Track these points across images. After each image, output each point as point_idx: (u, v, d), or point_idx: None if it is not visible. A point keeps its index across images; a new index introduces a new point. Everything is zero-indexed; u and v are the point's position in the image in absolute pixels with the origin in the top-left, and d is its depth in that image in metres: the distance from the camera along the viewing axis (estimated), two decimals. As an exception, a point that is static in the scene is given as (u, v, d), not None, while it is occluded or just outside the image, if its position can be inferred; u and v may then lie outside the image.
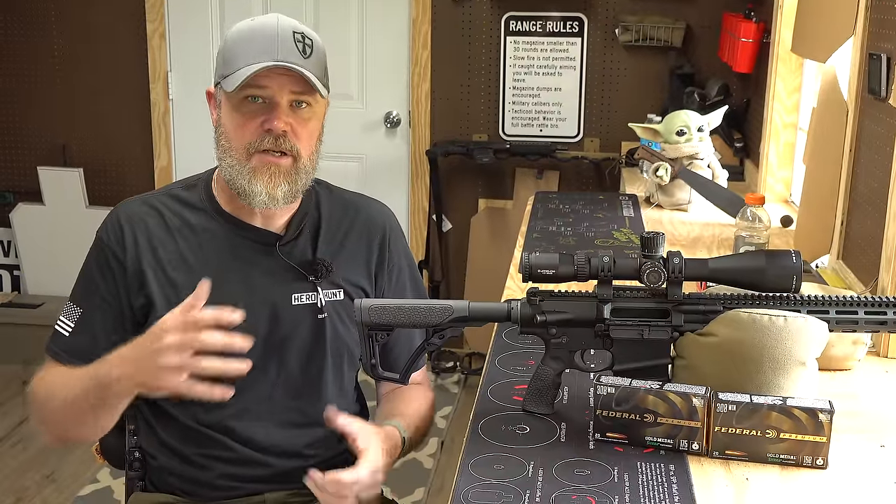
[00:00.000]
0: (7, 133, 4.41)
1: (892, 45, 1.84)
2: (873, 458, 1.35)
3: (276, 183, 1.59)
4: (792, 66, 2.96)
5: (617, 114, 4.02)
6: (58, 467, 3.31)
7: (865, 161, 2.01)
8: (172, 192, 1.73)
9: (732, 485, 1.27)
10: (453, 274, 4.31)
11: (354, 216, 1.77)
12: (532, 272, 1.41)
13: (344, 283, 1.71)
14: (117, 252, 1.64)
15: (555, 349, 1.45)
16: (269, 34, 1.57)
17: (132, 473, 1.75)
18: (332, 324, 1.69)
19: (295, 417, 1.69)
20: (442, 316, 1.44)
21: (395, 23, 4.12)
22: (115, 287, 1.64)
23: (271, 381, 1.67)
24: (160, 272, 1.64)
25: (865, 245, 1.96)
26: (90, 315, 1.65)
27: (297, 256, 1.68)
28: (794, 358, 1.36)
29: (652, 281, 1.38)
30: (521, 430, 1.42)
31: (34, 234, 4.40)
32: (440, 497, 3.15)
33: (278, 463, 1.69)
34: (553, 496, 1.22)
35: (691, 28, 3.90)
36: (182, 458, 1.69)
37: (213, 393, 1.43)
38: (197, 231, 1.67)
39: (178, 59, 4.25)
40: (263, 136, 1.58)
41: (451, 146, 4.04)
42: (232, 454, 1.67)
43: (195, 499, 1.70)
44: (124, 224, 1.66)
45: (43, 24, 4.27)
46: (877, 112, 1.94)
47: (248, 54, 1.56)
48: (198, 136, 4.25)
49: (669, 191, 2.87)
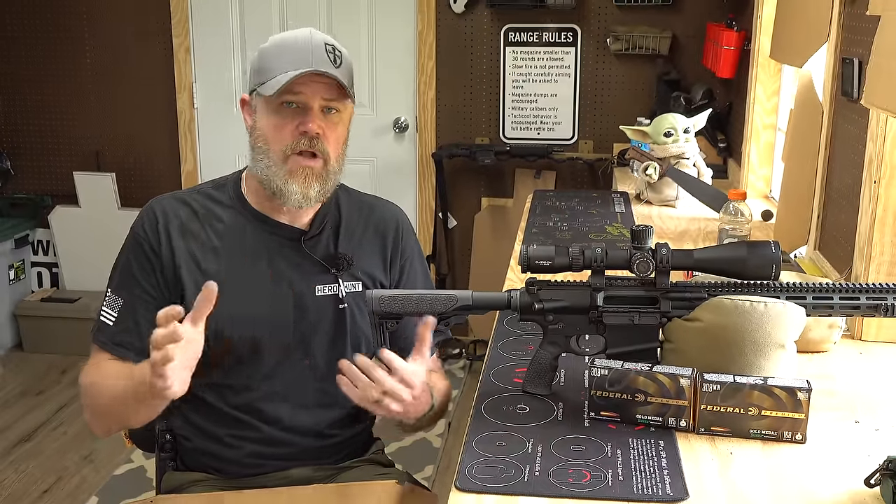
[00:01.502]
0: (45, 141, 4.41)
1: (863, 50, 1.83)
2: (848, 434, 1.34)
3: (310, 184, 1.61)
4: (771, 71, 2.95)
5: (609, 117, 4.01)
6: (95, 449, 3.32)
7: (840, 158, 2.00)
8: (203, 190, 1.73)
9: (717, 459, 1.26)
10: (458, 267, 4.31)
11: (370, 215, 1.78)
12: (530, 263, 1.41)
13: (362, 276, 1.72)
14: (153, 243, 1.64)
15: (552, 335, 1.45)
16: (303, 45, 1.59)
17: (164, 454, 1.76)
18: (351, 313, 1.69)
19: (319, 399, 1.70)
20: (447, 305, 1.44)
21: (402, 35, 4.11)
22: (154, 278, 1.64)
23: (299, 366, 1.68)
24: (192, 262, 1.64)
25: (840, 237, 1.96)
26: (132, 305, 1.63)
27: (320, 251, 1.69)
28: (774, 341, 1.35)
29: (641, 270, 1.38)
30: (522, 409, 1.42)
31: (71, 235, 4.40)
32: (448, 474, 3.15)
33: (302, 442, 1.69)
34: (551, 470, 1.22)
35: (677, 37, 3.88)
36: (214, 438, 1.69)
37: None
38: (227, 225, 1.68)
39: (202, 70, 4.25)
40: (299, 138, 1.59)
41: (455, 149, 4.04)
42: (259, 434, 1.67)
43: (225, 476, 1.70)
44: (159, 216, 1.66)
45: (77, 41, 4.27)
46: (849, 112, 1.93)
47: (284, 63, 1.58)
48: (221, 143, 4.26)
49: (658, 188, 2.87)
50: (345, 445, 1.75)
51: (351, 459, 1.76)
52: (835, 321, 1.62)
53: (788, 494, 1.17)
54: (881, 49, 1.54)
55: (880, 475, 1.13)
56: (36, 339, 4.27)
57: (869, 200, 1.70)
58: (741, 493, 1.18)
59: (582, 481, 1.18)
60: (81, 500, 3.00)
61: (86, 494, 3.04)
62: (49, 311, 4.26)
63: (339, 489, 1.65)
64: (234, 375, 1.66)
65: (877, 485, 1.14)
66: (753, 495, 1.17)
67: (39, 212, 4.44)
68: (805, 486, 1.19)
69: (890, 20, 1.53)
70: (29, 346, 4.28)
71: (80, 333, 4.04)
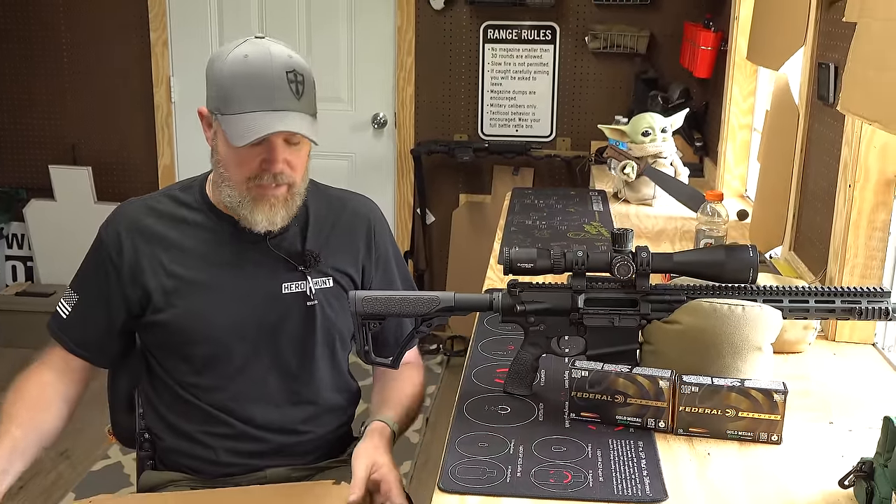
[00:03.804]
0: (21, 134, 4.37)
1: (838, 55, 1.85)
2: (823, 434, 1.37)
3: (276, 211, 1.60)
4: (747, 72, 2.98)
5: (587, 115, 4.03)
6: (72, 445, 3.30)
7: (815, 161, 2.03)
8: (170, 193, 1.73)
9: (696, 459, 1.29)
10: (436, 263, 4.32)
11: (341, 210, 1.76)
12: (512, 266, 1.42)
13: (332, 272, 1.71)
14: (112, 255, 1.65)
15: (533, 336, 1.46)
16: (264, 77, 1.52)
17: (142, 453, 1.76)
18: (321, 310, 1.69)
19: (289, 397, 1.70)
20: (430, 306, 1.45)
21: (381, 31, 4.11)
22: (107, 285, 1.66)
23: (265, 365, 1.68)
24: (157, 265, 1.65)
25: (815, 238, 1.98)
26: (84, 304, 1.68)
27: (286, 248, 1.68)
28: (751, 343, 1.37)
29: (622, 273, 1.39)
30: (503, 410, 1.43)
31: (46, 228, 4.36)
32: (426, 469, 3.17)
33: (276, 439, 1.70)
34: (533, 471, 1.23)
35: (655, 36, 3.91)
36: (186, 436, 1.70)
37: None
38: (192, 226, 1.67)
39: (180, 64, 4.22)
40: (262, 172, 1.56)
41: (433, 145, 4.04)
42: (232, 430, 1.68)
43: (202, 476, 1.71)
44: (122, 222, 1.67)
45: (54, 33, 4.23)
46: (825, 116, 1.96)
47: (246, 99, 1.52)
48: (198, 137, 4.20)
49: (635, 187, 2.89)
50: (321, 443, 1.76)
51: (328, 459, 1.77)
52: (810, 323, 1.65)
53: (765, 495, 1.20)
54: (857, 56, 1.57)
55: (854, 476, 1.15)
56: (10, 334, 4.22)
57: (844, 203, 1.73)
58: (719, 494, 1.20)
59: (563, 482, 1.20)
60: (57, 497, 2.99)
61: (62, 491, 3.02)
62: (24, 305, 4.22)
63: (279, 490, 1.65)
64: (203, 375, 1.67)
65: (850, 486, 1.17)
66: (731, 496, 1.20)
67: (14, 205, 4.39)
68: (781, 487, 1.22)
69: (866, 27, 1.56)
70: (3, 340, 4.24)
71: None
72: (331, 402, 1.75)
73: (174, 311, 1.64)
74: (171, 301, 1.64)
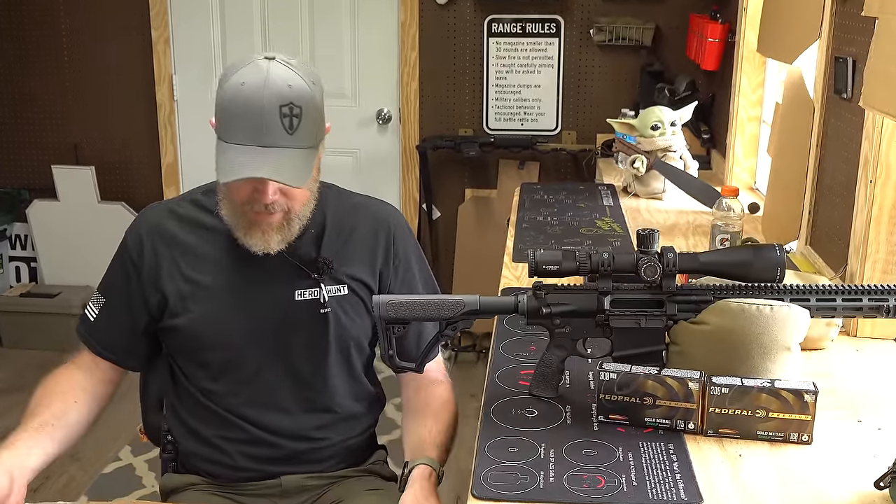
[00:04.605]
0: (23, 134, 4.35)
1: (856, 49, 1.85)
2: (853, 433, 1.37)
3: (270, 236, 1.59)
4: (755, 63, 2.97)
5: (592, 108, 4.02)
6: (82, 447, 3.28)
7: (832, 156, 2.03)
8: (192, 196, 1.73)
9: (727, 461, 1.28)
10: (443, 258, 4.31)
11: (360, 217, 1.74)
12: (538, 268, 1.41)
13: (347, 279, 1.69)
14: (134, 257, 1.67)
15: (559, 338, 1.46)
16: (255, 113, 1.47)
17: (165, 455, 1.78)
18: (335, 317, 1.68)
19: (303, 404, 1.70)
20: (454, 310, 1.45)
21: (385, 26, 4.09)
22: (129, 288, 1.67)
23: (278, 372, 1.68)
24: (175, 269, 1.66)
25: (833, 233, 1.98)
26: (110, 307, 1.70)
27: (300, 255, 1.67)
28: (780, 343, 1.37)
29: (649, 275, 1.39)
30: (530, 413, 1.43)
31: (49, 229, 4.35)
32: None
33: (290, 445, 1.70)
34: (565, 476, 1.23)
35: (660, 28, 3.90)
36: (205, 441, 1.70)
37: None
38: (210, 231, 1.67)
39: (182, 62, 4.20)
40: (255, 201, 1.55)
41: (439, 140, 4.03)
42: (247, 436, 1.68)
43: (220, 481, 1.72)
44: (144, 234, 1.68)
45: (55, 32, 4.21)
46: (843, 111, 1.95)
47: (236, 130, 1.49)
48: (201, 135, 4.21)
49: (645, 181, 2.89)
50: (338, 450, 1.75)
51: (348, 468, 1.76)
52: (832, 319, 1.65)
53: (799, 497, 1.20)
54: (879, 52, 1.57)
55: (890, 477, 1.15)
56: (15, 335, 4.22)
57: (865, 199, 1.72)
58: (753, 496, 1.20)
59: (597, 487, 1.20)
60: (71, 500, 2.98)
61: (75, 493, 3.02)
62: (28, 306, 4.20)
63: None
64: (219, 380, 1.68)
65: (886, 487, 1.16)
66: (765, 498, 1.19)
67: (17, 206, 4.37)
68: (814, 488, 1.21)
69: (887, 23, 1.55)
70: (8, 341, 4.23)
71: (60, 328, 4.01)
72: (348, 410, 1.74)
73: (189, 316, 1.65)
74: (187, 306, 1.65)
